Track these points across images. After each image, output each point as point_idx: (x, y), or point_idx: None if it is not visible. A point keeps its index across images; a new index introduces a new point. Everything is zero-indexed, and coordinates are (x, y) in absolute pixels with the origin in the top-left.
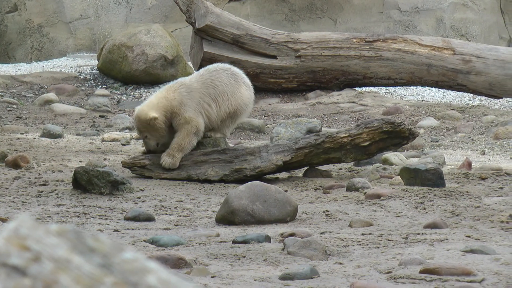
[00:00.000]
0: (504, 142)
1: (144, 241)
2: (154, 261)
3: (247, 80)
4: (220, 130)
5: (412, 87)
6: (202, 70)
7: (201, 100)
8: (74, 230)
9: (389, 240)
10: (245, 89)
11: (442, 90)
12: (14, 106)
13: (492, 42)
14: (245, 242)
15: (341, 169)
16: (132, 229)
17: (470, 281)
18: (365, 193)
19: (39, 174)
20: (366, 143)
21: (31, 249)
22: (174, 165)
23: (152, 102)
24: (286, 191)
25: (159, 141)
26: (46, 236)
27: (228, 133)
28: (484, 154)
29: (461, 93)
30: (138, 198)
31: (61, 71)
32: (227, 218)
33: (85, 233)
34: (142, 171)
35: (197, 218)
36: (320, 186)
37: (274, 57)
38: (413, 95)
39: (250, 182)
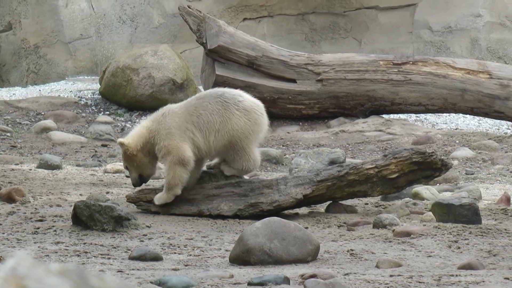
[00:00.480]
0: None
1: (151, 282)
2: None
3: (245, 103)
4: (232, 166)
5: (444, 114)
6: (192, 97)
7: (182, 127)
8: (77, 269)
9: (420, 282)
10: (239, 116)
11: (477, 118)
12: (8, 134)
13: None
14: (261, 284)
15: (367, 204)
16: (138, 269)
17: None
18: (393, 230)
19: (35, 209)
20: (395, 175)
21: None
22: (160, 200)
23: (135, 131)
24: (307, 228)
25: (142, 173)
26: (47, 276)
27: (243, 166)
28: None
29: (498, 121)
30: (144, 235)
31: (59, 95)
32: (242, 257)
33: (88, 272)
34: (148, 206)
35: (209, 257)
36: (344, 223)
37: (293, 81)
38: (446, 123)
39: (267, 218)
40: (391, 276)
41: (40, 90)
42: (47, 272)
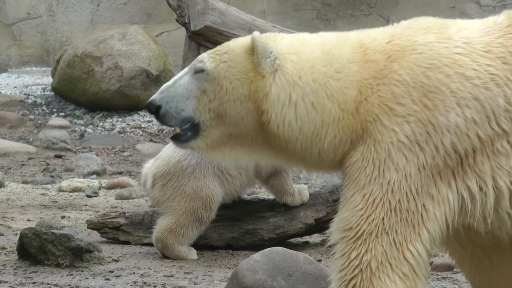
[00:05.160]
0: None
1: None
2: None
3: None
4: None
5: None
6: None
7: None
8: None
9: None
10: None
11: None
12: None
13: None
14: None
15: None
16: None
17: None
18: (431, 263)
19: None
20: None
21: None
22: None
23: None
24: (320, 260)
25: None
26: None
27: None
28: None
29: None
30: (110, 272)
31: (0, 92)
32: None
33: None
34: (116, 234)
35: None
36: None
37: None
38: None
39: (269, 249)
40: None
41: None
42: None
